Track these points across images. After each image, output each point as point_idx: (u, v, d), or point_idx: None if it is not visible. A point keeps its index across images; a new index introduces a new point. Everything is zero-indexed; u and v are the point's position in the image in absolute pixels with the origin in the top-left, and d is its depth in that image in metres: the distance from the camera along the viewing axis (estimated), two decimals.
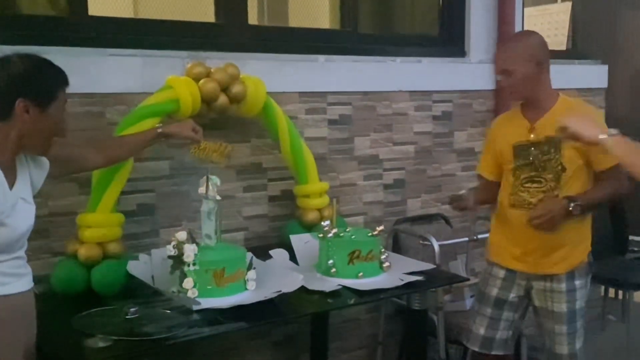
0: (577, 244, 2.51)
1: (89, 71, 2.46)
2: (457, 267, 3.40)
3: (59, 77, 1.81)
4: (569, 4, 4.63)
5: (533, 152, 2.47)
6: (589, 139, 2.07)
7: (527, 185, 2.49)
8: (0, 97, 1.72)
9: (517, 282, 2.58)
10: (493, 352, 2.64)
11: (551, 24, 4.70)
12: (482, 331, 2.64)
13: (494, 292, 2.61)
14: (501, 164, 2.60)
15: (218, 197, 2.29)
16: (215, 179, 2.31)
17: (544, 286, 2.53)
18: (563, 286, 2.50)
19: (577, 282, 2.51)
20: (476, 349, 2.67)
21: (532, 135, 2.47)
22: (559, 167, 2.43)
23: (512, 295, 2.59)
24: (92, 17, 2.64)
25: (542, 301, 2.55)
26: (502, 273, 2.61)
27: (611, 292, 4.31)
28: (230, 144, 2.42)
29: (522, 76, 2.41)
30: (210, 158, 2.36)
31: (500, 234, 2.62)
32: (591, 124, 2.11)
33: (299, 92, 3.05)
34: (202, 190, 2.33)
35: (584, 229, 2.52)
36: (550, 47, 4.70)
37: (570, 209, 2.34)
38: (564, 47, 4.58)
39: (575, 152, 2.40)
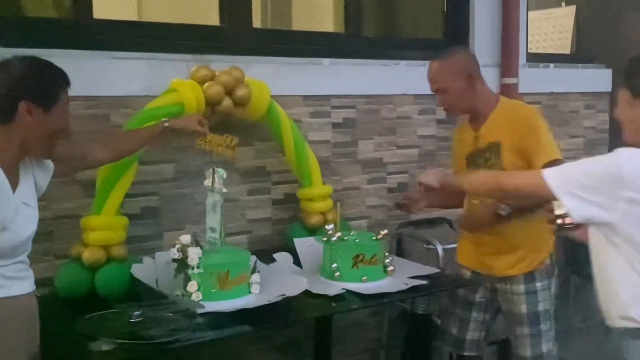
0: (533, 247, 2.54)
1: (93, 74, 2.47)
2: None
3: (61, 78, 1.81)
4: (573, 8, 4.63)
5: (479, 160, 2.54)
6: (443, 184, 2.28)
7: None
8: (3, 100, 1.73)
9: (483, 284, 2.64)
10: (465, 353, 2.69)
11: (555, 27, 4.69)
12: (454, 331, 2.71)
13: (461, 292, 2.67)
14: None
15: (224, 190, 2.30)
16: (221, 172, 2.32)
17: (505, 288, 2.57)
18: (522, 287, 2.54)
19: (538, 284, 2.54)
20: (450, 349, 2.73)
21: (477, 144, 2.54)
22: (500, 169, 2.48)
23: (478, 296, 2.65)
24: (97, 20, 2.65)
25: (505, 303, 2.59)
26: (468, 274, 2.68)
27: None
28: (236, 136, 2.41)
29: (456, 92, 2.50)
30: (216, 150, 2.36)
31: (465, 238, 2.71)
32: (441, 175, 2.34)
33: (303, 96, 3.05)
34: (207, 182, 2.33)
35: (540, 233, 2.48)
36: (555, 51, 4.73)
37: (499, 212, 2.40)
38: (568, 51, 4.58)
39: (515, 155, 2.44)
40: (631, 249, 1.62)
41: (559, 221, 1.84)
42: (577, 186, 1.66)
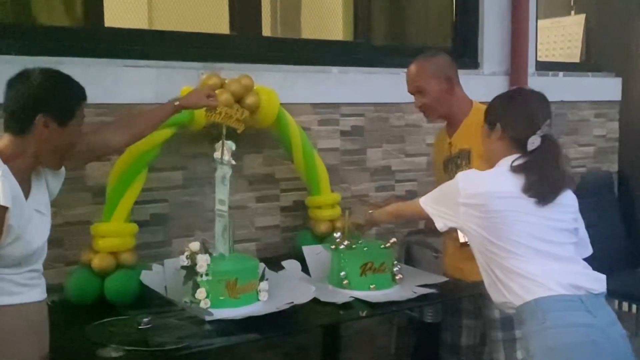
0: None
1: (104, 82, 2.49)
2: None
3: (79, 94, 1.84)
4: (582, 16, 4.63)
5: (452, 166, 2.57)
6: (363, 223, 2.55)
7: None
8: (21, 111, 1.75)
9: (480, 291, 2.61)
10: (462, 358, 2.69)
11: (564, 36, 4.69)
12: (449, 338, 2.72)
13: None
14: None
15: (233, 162, 2.32)
16: (230, 144, 2.33)
17: (482, 292, 2.55)
18: None
19: None
20: (446, 355, 2.72)
21: (451, 150, 2.57)
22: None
23: (465, 302, 2.64)
24: (108, 28, 2.67)
25: (484, 308, 2.57)
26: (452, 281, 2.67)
27: (624, 305, 4.27)
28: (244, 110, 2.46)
29: (435, 93, 2.52)
30: (226, 123, 2.37)
31: (446, 245, 2.73)
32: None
33: (312, 103, 3.06)
34: (217, 154, 2.33)
35: None
36: (564, 59, 4.73)
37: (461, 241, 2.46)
38: (577, 60, 4.57)
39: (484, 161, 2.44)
40: (486, 245, 1.99)
41: (462, 239, 2.37)
42: (434, 203, 2.11)
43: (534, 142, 1.97)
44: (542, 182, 1.95)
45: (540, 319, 1.86)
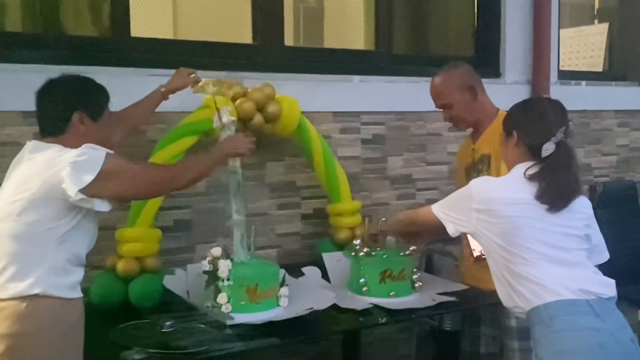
0: None
1: (131, 91, 2.53)
2: None
3: (105, 92, 1.97)
4: (606, 25, 4.60)
5: (473, 172, 2.58)
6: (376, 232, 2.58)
7: None
8: (59, 113, 1.87)
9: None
10: None
11: (588, 45, 4.67)
12: (467, 347, 2.71)
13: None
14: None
15: (233, 118, 2.33)
16: (227, 109, 2.34)
17: (495, 301, 2.53)
18: None
19: None
20: None
21: (474, 156, 2.59)
22: None
23: (483, 311, 2.63)
24: (134, 38, 2.73)
25: (502, 317, 2.55)
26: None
27: None
28: (236, 82, 2.47)
29: (460, 105, 2.55)
30: (211, 93, 2.37)
31: (463, 253, 2.72)
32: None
33: (333, 112, 3.09)
34: (217, 122, 2.32)
35: None
36: (587, 69, 4.69)
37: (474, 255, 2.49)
38: (600, 69, 4.54)
39: (504, 165, 2.42)
40: (497, 251, 2.02)
41: (476, 254, 2.46)
42: (447, 209, 2.14)
43: (547, 148, 1.99)
44: (554, 189, 1.97)
45: (548, 323, 1.88)
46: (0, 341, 1.69)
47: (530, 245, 1.94)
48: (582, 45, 4.72)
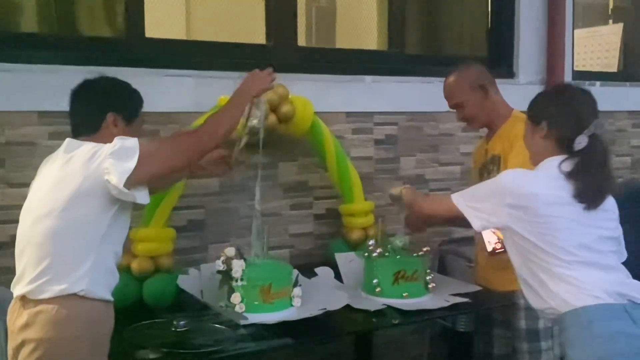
0: None
1: (145, 91, 2.50)
2: None
3: (140, 97, 1.98)
4: (620, 26, 4.57)
5: (484, 172, 2.58)
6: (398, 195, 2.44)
7: None
8: (93, 112, 1.87)
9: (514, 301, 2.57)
10: None
11: (602, 45, 4.64)
12: (481, 347, 2.70)
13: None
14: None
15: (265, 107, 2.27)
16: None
17: (509, 302, 2.54)
18: (521, 302, 2.48)
19: None
20: None
21: (486, 156, 2.58)
22: None
23: (496, 312, 2.61)
24: (148, 38, 2.75)
25: (512, 318, 2.55)
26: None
27: None
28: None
29: (473, 104, 2.53)
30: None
31: (477, 254, 2.72)
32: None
33: (346, 112, 3.09)
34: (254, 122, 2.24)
35: None
36: (601, 69, 4.66)
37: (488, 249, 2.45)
38: (615, 69, 4.51)
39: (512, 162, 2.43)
40: (529, 249, 1.94)
41: (490, 248, 2.41)
42: (472, 201, 2.02)
43: (581, 142, 1.90)
44: (591, 187, 1.89)
45: (586, 326, 1.82)
46: (39, 346, 1.67)
47: (567, 246, 1.87)
48: (596, 45, 4.69)
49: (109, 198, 1.74)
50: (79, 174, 1.73)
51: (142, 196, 1.79)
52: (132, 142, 1.76)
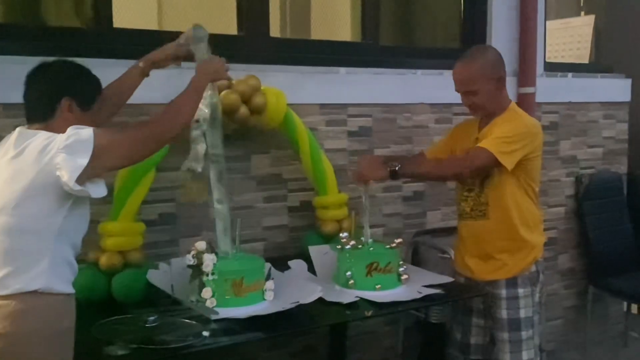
0: (514, 252, 2.55)
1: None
2: None
3: (98, 82, 1.92)
4: (592, 17, 4.61)
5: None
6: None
7: (465, 194, 2.61)
8: (47, 97, 1.81)
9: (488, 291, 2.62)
10: (472, 357, 2.69)
11: (574, 37, 4.68)
12: (458, 336, 2.72)
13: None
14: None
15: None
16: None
17: (490, 292, 2.58)
18: (503, 292, 2.55)
19: (521, 290, 2.54)
20: (456, 353, 2.73)
21: (475, 144, 2.55)
22: (484, 174, 2.51)
23: (475, 301, 2.64)
24: (117, 29, 2.69)
25: (493, 308, 2.59)
26: (462, 280, 2.69)
27: (633, 307, 4.25)
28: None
29: (486, 94, 2.50)
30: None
31: (458, 243, 2.74)
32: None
33: (320, 104, 3.07)
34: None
35: (522, 238, 2.55)
36: (573, 60, 4.70)
37: (390, 168, 2.48)
38: (586, 61, 4.56)
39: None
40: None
41: None
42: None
43: None
44: None
45: None
46: None
47: None
48: (568, 37, 4.73)
49: (62, 193, 1.70)
50: (30, 168, 1.69)
51: (98, 190, 1.74)
52: (87, 134, 1.70)
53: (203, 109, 2.27)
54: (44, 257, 1.69)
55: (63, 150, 1.67)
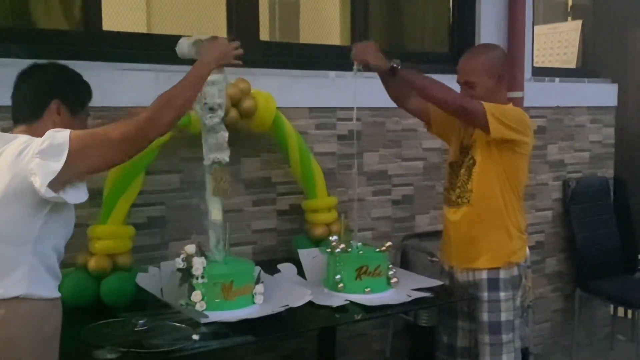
0: (491, 245, 2.55)
1: (102, 85, 2.47)
2: None
3: (89, 88, 1.90)
4: (579, 22, 4.65)
5: (461, 153, 2.61)
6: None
7: (454, 182, 2.63)
8: (36, 97, 1.79)
9: (457, 283, 2.64)
10: None
11: (561, 42, 4.72)
12: (445, 339, 2.72)
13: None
14: (447, 141, 2.77)
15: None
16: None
17: (473, 295, 2.58)
18: (485, 295, 2.55)
19: (502, 294, 2.55)
20: (443, 356, 2.73)
21: (468, 139, 2.58)
22: (471, 161, 2.54)
23: (460, 304, 2.65)
24: (106, 32, 2.69)
25: (475, 311, 2.60)
26: (446, 268, 2.71)
27: (620, 311, 4.29)
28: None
29: (483, 89, 2.51)
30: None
31: (443, 233, 2.75)
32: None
33: (309, 108, 3.08)
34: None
35: (504, 226, 2.56)
36: (560, 65, 4.74)
37: (392, 63, 2.52)
38: (573, 65, 4.59)
39: (487, 144, 2.49)
40: None
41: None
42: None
43: None
44: None
45: None
46: None
47: None
48: (556, 42, 4.77)
49: (39, 199, 1.63)
50: (6, 172, 1.64)
51: (76, 195, 1.68)
52: (62, 138, 1.64)
53: (215, 95, 2.18)
54: (23, 263, 1.65)
55: (38, 155, 1.62)
